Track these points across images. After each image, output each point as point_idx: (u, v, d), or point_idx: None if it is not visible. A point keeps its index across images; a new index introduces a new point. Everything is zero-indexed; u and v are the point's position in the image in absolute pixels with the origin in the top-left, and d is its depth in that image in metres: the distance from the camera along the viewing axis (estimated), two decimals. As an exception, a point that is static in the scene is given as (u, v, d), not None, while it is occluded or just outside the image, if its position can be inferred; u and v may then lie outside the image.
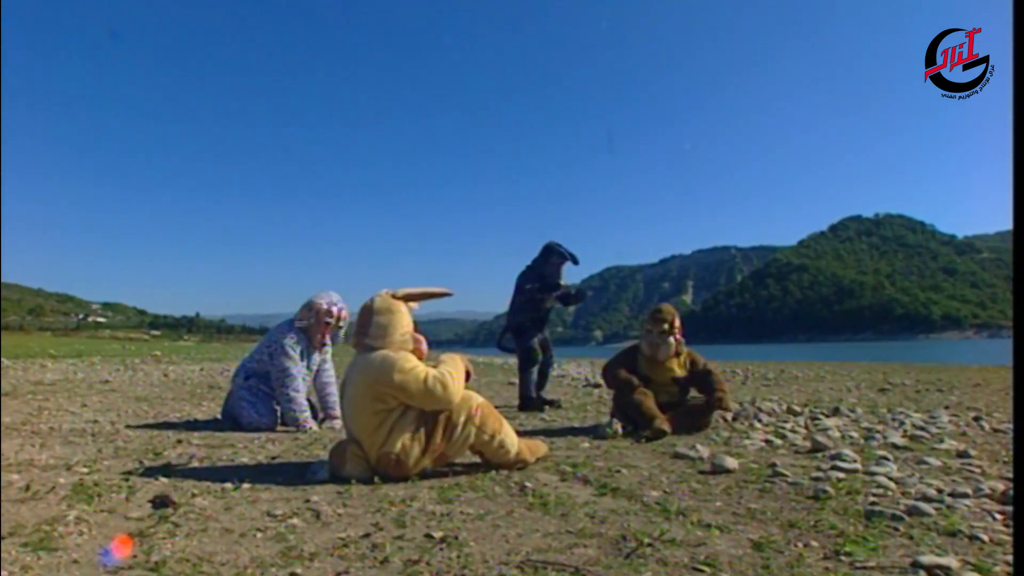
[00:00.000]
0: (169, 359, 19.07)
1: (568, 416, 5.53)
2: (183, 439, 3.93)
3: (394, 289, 3.08)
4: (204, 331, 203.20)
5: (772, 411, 5.44)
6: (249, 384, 4.59)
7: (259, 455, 3.46)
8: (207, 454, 3.44)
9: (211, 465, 3.16)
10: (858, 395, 8.13)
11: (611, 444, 3.83)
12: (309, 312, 4.58)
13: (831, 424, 4.59)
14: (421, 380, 2.78)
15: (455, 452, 2.88)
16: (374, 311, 2.96)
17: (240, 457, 3.37)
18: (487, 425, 2.90)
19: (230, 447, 3.70)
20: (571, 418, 5.37)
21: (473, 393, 2.97)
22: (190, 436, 4.08)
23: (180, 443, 3.78)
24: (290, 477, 2.87)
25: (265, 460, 3.32)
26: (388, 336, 2.91)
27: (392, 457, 2.78)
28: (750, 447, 3.72)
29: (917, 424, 4.71)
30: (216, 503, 2.39)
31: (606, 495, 2.57)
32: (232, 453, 3.49)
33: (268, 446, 3.77)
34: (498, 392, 8.97)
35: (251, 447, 3.71)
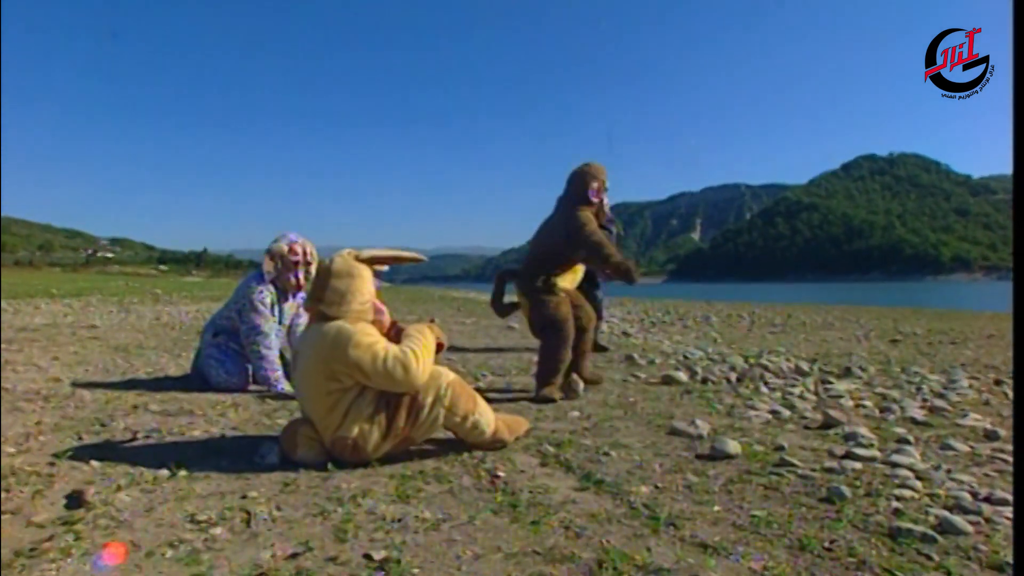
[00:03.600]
0: (169, 298, 18.88)
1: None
2: (141, 404, 3.63)
3: (358, 249, 2.69)
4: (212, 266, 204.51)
5: (779, 371, 5.11)
6: (218, 341, 4.27)
7: (216, 426, 3.15)
8: (159, 424, 3.14)
9: (157, 441, 2.86)
10: (868, 347, 7.80)
11: (602, 415, 3.51)
12: (272, 260, 4.22)
13: (843, 389, 4.25)
14: (379, 359, 2.43)
15: (422, 435, 2.56)
16: (332, 273, 2.59)
17: (193, 430, 3.06)
18: (458, 406, 2.56)
19: (188, 414, 3.40)
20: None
21: (443, 369, 2.62)
22: (151, 399, 3.79)
23: (135, 409, 3.48)
24: (236, 459, 2.56)
25: (220, 433, 3.02)
26: (345, 303, 2.55)
27: (348, 442, 2.45)
28: (755, 420, 3.39)
29: (935, 389, 4.37)
30: (139, 501, 2.08)
31: (588, 489, 2.25)
32: (187, 423, 3.19)
33: (230, 413, 3.46)
34: (495, 338, 8.70)
35: (211, 415, 3.41)
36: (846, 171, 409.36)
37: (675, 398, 4.06)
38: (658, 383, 4.62)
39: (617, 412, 3.62)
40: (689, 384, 4.53)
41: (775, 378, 4.75)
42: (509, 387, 4.47)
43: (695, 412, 3.62)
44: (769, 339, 8.81)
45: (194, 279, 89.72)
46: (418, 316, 12.87)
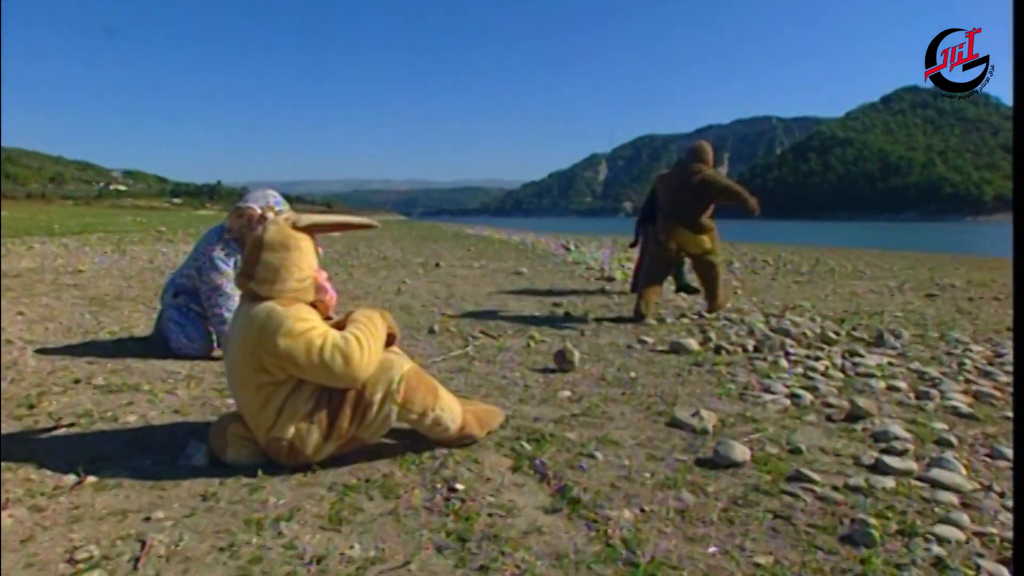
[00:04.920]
0: (172, 236, 18.70)
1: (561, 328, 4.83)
2: (85, 377, 3.34)
3: (296, 215, 2.30)
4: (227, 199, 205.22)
5: (803, 337, 4.70)
6: (178, 303, 3.96)
7: (156, 408, 2.86)
8: (94, 406, 2.85)
9: (83, 431, 2.56)
10: (902, 303, 7.33)
11: (596, 397, 3.16)
12: (239, 218, 3.82)
13: (872, 364, 3.85)
14: (315, 348, 2.07)
15: (372, 435, 2.23)
16: (264, 245, 2.21)
17: (130, 414, 2.76)
18: (414, 401, 2.22)
19: (132, 391, 3.11)
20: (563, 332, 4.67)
21: (396, 358, 2.27)
22: (100, 369, 3.51)
23: (76, 385, 3.20)
24: (160, 459, 2.26)
25: (157, 418, 2.72)
26: (280, 281, 2.18)
27: (283, 444, 2.13)
28: (770, 407, 3.02)
29: (979, 365, 3.95)
30: (22, 525, 1.78)
31: (560, 511, 1.92)
32: (126, 404, 2.89)
33: (180, 389, 3.17)
34: (500, 284, 8.35)
35: (157, 391, 3.11)
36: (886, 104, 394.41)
37: (683, 372, 3.70)
38: (666, 351, 4.25)
39: (614, 391, 3.27)
40: (700, 354, 4.16)
41: (797, 347, 4.35)
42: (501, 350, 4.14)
43: (703, 393, 3.27)
44: (794, 290, 8.37)
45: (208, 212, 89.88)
46: (424, 258, 12.54)
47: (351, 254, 13.47)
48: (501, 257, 13.55)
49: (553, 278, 9.34)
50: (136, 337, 4.41)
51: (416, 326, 5.08)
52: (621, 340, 4.63)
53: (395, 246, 17.22)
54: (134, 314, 5.33)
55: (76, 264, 9.39)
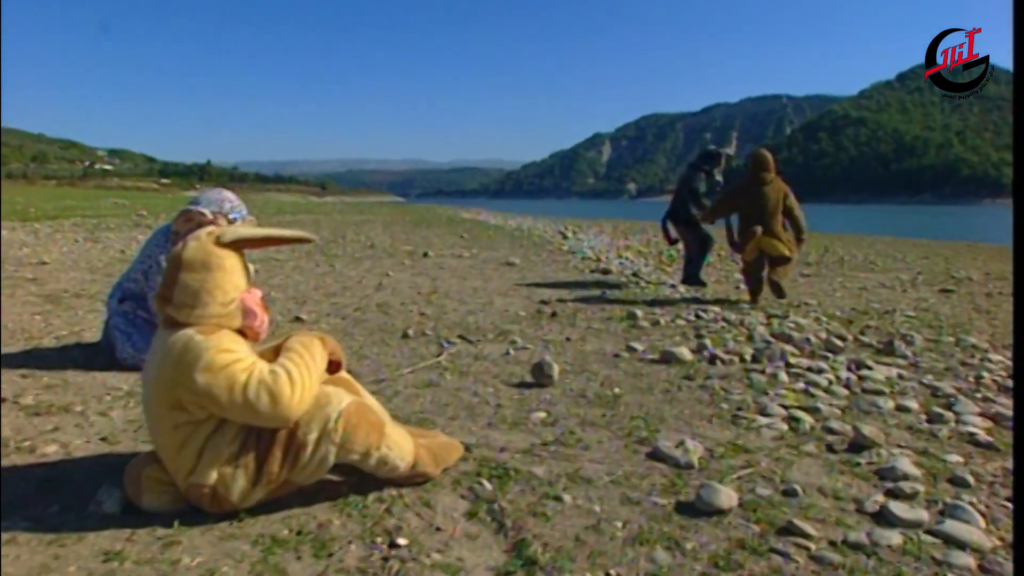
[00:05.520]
0: (154, 220, 18.43)
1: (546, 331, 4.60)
2: (14, 394, 3.13)
3: (220, 229, 2.07)
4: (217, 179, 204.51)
5: (806, 343, 4.49)
6: (124, 309, 3.75)
7: (81, 436, 2.65)
8: (12, 433, 2.64)
9: (-10, 464, 2.36)
10: (915, 300, 7.13)
11: (573, 419, 2.96)
12: (188, 222, 3.58)
13: (881, 378, 3.65)
14: (239, 385, 1.86)
15: (307, 479, 2.02)
16: (182, 264, 1.99)
17: (50, 443, 2.56)
18: (355, 441, 2.01)
19: (61, 412, 2.90)
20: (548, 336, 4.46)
21: (335, 392, 2.05)
22: (33, 384, 3.31)
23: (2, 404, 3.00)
24: (68, 505, 2.05)
25: (80, 448, 2.52)
26: (200, 306, 1.96)
27: (205, 491, 1.93)
28: (765, 433, 2.82)
29: (998, 378, 3.74)
30: None
31: (514, 573, 1.72)
32: (50, 431, 2.69)
33: (114, 410, 2.96)
34: (488, 277, 8.14)
35: (88, 413, 2.90)
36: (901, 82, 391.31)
37: (671, 388, 3.49)
38: (656, 360, 4.04)
39: (594, 412, 3.06)
40: (692, 364, 3.95)
41: (799, 356, 4.14)
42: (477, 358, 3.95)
43: (692, 415, 3.06)
44: (800, 284, 8.15)
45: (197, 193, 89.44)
46: (413, 247, 12.31)
47: (338, 242, 13.24)
48: (494, 246, 13.31)
49: (545, 270, 9.12)
50: (84, 343, 4.21)
51: (390, 329, 4.87)
52: (608, 346, 4.42)
53: (385, 232, 16.97)
54: (89, 314, 5.12)
55: (42, 254, 9.17)
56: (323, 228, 17.80)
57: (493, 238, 15.58)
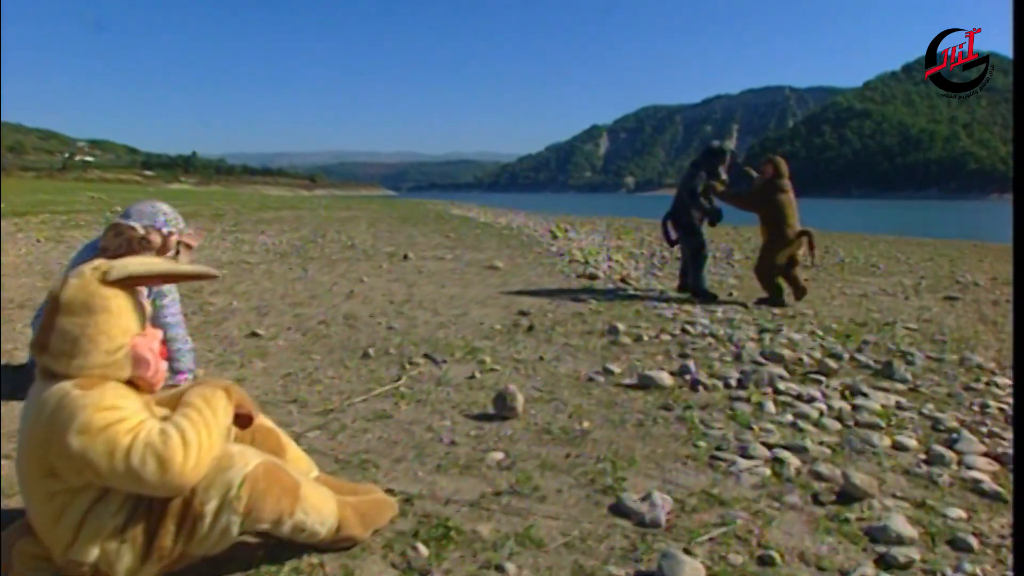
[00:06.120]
0: (126, 219, 18.13)
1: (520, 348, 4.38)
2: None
3: (108, 263, 1.84)
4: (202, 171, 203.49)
5: (797, 365, 4.29)
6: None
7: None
8: None
9: None
10: (918, 308, 6.95)
11: (531, 462, 2.74)
12: (117, 236, 3.34)
13: (877, 407, 3.45)
14: (120, 451, 1.64)
15: (207, 551, 1.80)
16: (60, 307, 1.76)
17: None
18: (263, 509, 1.79)
19: (-39, 455, 2.68)
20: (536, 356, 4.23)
21: (240, 453, 1.82)
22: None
23: None
24: (-69, 583, 1.83)
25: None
26: (80, 355, 1.73)
27: (85, 570, 1.71)
28: (745, 479, 2.60)
29: (1005, 406, 3.55)
30: None
31: None
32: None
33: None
34: (468, 283, 7.93)
35: (-8, 455, 2.68)
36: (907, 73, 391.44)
37: (646, 421, 3.28)
38: (633, 386, 3.83)
39: (557, 453, 2.84)
40: (672, 391, 3.74)
41: (790, 381, 3.93)
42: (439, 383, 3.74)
43: (665, 454, 2.85)
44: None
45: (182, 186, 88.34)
46: (395, 248, 12.07)
47: (316, 242, 12.98)
48: (479, 246, 13.08)
49: (530, 274, 8.90)
50: (13, 365, 3.98)
51: (352, 346, 4.65)
52: (584, 368, 4.20)
53: (368, 231, 16.71)
54: (27, 330, 4.88)
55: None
56: (304, 226, 17.52)
57: (480, 238, 15.34)
